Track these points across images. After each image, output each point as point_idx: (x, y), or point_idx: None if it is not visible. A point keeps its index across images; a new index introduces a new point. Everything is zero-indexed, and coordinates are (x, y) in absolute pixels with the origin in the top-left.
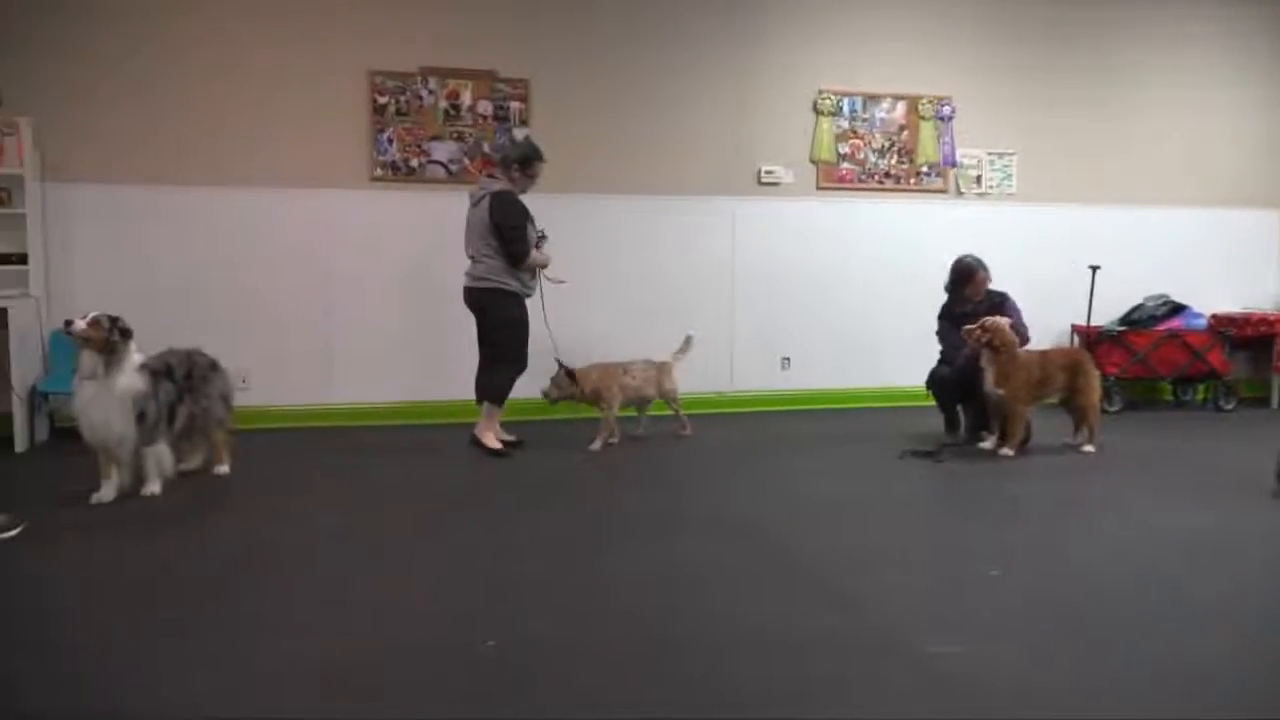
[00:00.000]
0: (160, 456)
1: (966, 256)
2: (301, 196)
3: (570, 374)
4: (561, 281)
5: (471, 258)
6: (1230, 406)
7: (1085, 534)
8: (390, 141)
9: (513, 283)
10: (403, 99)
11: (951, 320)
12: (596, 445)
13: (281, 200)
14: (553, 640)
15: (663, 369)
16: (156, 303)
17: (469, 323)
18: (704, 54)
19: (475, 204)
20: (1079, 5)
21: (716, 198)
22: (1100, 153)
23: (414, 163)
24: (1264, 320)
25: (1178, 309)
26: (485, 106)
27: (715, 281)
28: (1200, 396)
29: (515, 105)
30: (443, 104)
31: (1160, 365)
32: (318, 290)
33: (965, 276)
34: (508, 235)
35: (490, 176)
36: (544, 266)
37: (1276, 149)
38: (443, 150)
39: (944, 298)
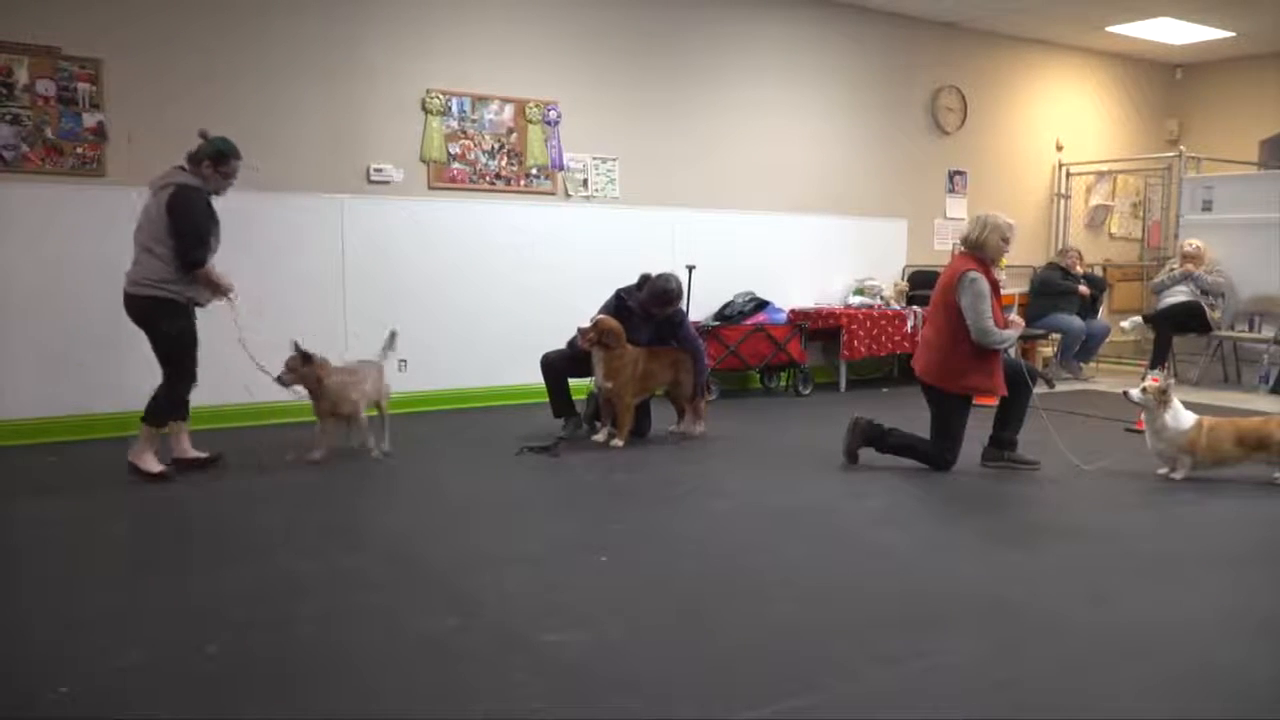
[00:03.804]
0: None
1: (674, 280)
2: None
3: (306, 357)
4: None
5: (135, 258)
6: (807, 391)
7: (686, 515)
8: None
9: (178, 290)
10: None
11: (620, 309)
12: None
13: None
14: (144, 670)
15: (380, 370)
16: None
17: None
18: (304, 48)
19: (155, 192)
20: (664, 14)
21: (324, 195)
22: (692, 159)
23: None
24: (831, 314)
25: (762, 305)
26: (47, 86)
27: (326, 281)
28: (783, 383)
29: (84, 87)
30: None
31: (749, 356)
32: None
33: (665, 300)
34: (182, 236)
35: (180, 169)
36: (227, 290)
37: (836, 162)
38: None
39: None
